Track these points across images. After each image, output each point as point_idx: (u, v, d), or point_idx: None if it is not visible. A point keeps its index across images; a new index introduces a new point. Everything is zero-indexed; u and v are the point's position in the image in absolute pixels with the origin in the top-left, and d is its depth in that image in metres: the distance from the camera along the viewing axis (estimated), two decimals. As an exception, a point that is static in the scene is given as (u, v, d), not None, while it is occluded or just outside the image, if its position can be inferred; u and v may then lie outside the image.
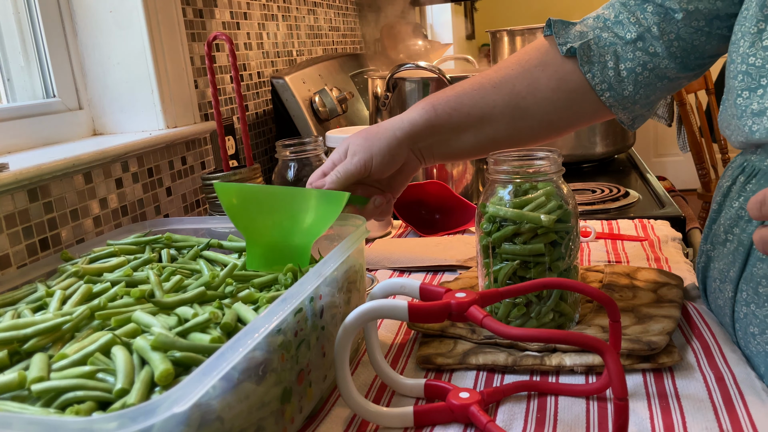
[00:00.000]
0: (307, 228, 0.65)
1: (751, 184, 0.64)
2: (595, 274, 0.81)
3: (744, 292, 0.63)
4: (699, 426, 0.53)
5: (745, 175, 0.65)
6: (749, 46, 0.61)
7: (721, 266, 0.67)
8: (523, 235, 0.65)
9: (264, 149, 1.44)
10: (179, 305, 0.55)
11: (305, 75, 1.45)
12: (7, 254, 0.75)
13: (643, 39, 0.71)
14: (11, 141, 0.90)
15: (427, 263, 0.94)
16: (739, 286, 0.64)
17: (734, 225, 0.65)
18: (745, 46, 0.61)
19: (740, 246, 0.64)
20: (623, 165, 1.61)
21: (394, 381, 0.62)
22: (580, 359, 0.62)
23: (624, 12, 0.72)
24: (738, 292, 0.64)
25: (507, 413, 0.57)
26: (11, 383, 0.44)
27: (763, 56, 0.60)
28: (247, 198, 0.66)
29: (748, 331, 0.63)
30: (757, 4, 0.61)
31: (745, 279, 0.63)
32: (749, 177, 0.65)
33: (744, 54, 0.61)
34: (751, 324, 0.62)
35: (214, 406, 0.42)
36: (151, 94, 1.03)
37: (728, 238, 0.66)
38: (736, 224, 0.65)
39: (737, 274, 0.64)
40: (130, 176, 0.97)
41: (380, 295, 0.61)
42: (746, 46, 0.61)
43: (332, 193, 0.67)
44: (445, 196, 1.13)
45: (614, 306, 0.58)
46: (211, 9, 1.23)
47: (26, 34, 0.97)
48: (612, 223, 1.07)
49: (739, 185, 0.66)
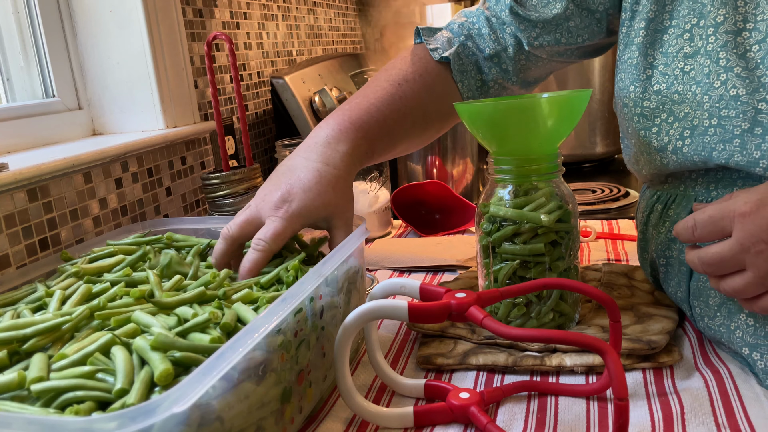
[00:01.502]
0: (550, 134, 0.65)
1: (671, 210, 0.67)
2: (593, 273, 0.81)
3: (697, 308, 0.64)
4: (697, 422, 0.53)
5: (662, 202, 0.69)
6: (641, 92, 0.65)
7: (669, 289, 0.69)
8: (523, 235, 0.65)
9: (264, 149, 1.44)
10: (179, 305, 0.55)
11: (305, 75, 1.45)
12: (6, 254, 0.75)
13: (498, 57, 0.78)
14: (11, 141, 0.90)
15: (427, 263, 0.94)
16: (691, 303, 0.65)
17: (667, 249, 0.68)
18: (637, 92, 0.65)
19: (681, 266, 0.66)
20: (623, 165, 1.61)
21: (394, 381, 0.62)
22: (580, 359, 0.62)
23: (486, 27, 0.77)
24: (692, 308, 0.66)
25: (507, 413, 0.57)
26: (11, 383, 0.44)
27: (656, 99, 0.64)
28: (485, 115, 0.66)
29: (715, 339, 0.64)
30: (639, 51, 0.66)
31: (693, 295, 0.65)
32: (667, 203, 0.68)
33: (636, 98, 0.66)
34: (711, 335, 0.64)
35: (214, 406, 0.42)
36: (150, 94, 1.03)
37: (667, 261, 0.68)
38: (668, 248, 0.67)
39: (685, 294, 0.66)
40: (130, 176, 0.97)
41: (380, 295, 0.61)
42: (638, 92, 0.65)
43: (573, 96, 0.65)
44: (445, 196, 1.13)
45: (614, 306, 0.57)
46: (210, 9, 1.23)
47: (26, 34, 0.97)
48: (612, 223, 1.07)
49: (658, 212, 0.69)
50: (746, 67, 0.58)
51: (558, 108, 0.64)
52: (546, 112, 0.63)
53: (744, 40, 0.58)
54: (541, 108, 0.64)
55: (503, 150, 0.66)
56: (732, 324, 0.60)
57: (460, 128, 1.24)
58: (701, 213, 0.53)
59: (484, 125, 0.66)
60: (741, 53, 0.58)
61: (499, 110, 0.65)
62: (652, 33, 0.65)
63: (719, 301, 0.61)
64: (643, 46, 0.66)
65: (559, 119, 0.64)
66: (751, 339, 0.58)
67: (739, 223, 0.50)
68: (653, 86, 0.64)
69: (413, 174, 1.28)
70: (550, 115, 0.64)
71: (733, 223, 0.51)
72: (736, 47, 0.58)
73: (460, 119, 0.70)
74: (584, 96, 0.64)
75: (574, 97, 0.64)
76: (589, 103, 0.86)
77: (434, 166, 1.25)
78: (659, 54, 0.65)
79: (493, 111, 0.65)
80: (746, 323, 0.59)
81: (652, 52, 0.65)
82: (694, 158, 0.62)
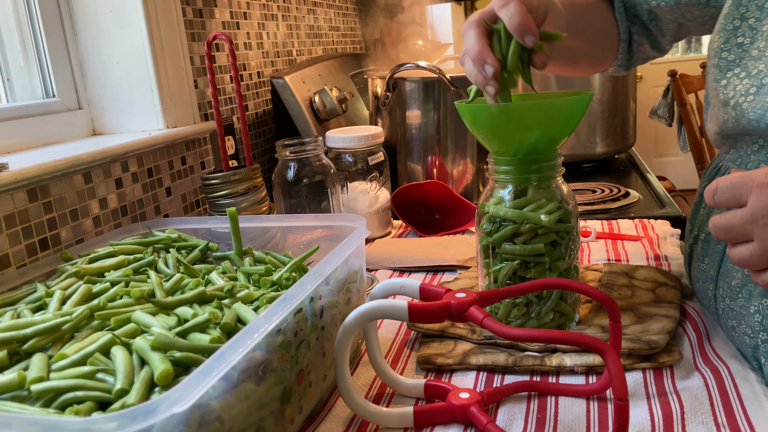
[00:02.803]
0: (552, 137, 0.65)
1: None
2: (593, 273, 0.81)
3: (721, 288, 0.65)
4: (697, 422, 0.53)
5: (721, 173, 0.68)
6: (723, 42, 0.64)
7: (702, 266, 0.70)
8: (524, 235, 0.65)
9: (264, 149, 1.44)
10: (179, 305, 0.55)
11: (305, 75, 1.45)
12: (6, 254, 0.75)
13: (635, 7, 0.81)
14: (11, 141, 0.90)
15: (427, 263, 0.94)
16: (717, 282, 0.66)
17: (707, 224, 0.66)
18: (720, 42, 0.65)
19: (718, 244, 0.66)
20: (623, 165, 1.61)
21: (394, 381, 0.62)
22: (580, 359, 0.62)
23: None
24: (717, 288, 0.66)
25: (507, 413, 0.57)
26: (11, 383, 0.44)
27: (736, 52, 0.63)
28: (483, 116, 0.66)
29: (728, 324, 0.65)
30: (734, 2, 0.64)
31: (721, 275, 0.65)
32: (719, 174, 0.68)
33: (717, 49, 0.65)
34: (729, 317, 0.65)
35: (214, 406, 0.42)
36: (150, 94, 1.03)
37: (706, 237, 0.68)
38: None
39: (716, 272, 0.66)
40: (130, 176, 0.97)
41: (380, 295, 0.61)
42: (720, 42, 0.65)
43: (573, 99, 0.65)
44: (445, 196, 1.13)
45: (614, 306, 0.58)
46: (210, 9, 1.23)
47: (26, 34, 0.97)
48: (612, 223, 1.07)
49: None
50: None
51: (559, 111, 0.64)
52: (547, 115, 0.64)
53: None
54: (542, 111, 0.64)
55: (504, 151, 0.67)
56: (752, 307, 0.61)
57: (460, 128, 1.24)
58: (724, 179, 0.53)
59: (485, 126, 0.66)
60: None
61: (501, 112, 0.65)
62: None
63: (741, 283, 0.62)
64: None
65: (560, 122, 0.64)
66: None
67: (755, 193, 0.50)
68: (737, 38, 0.63)
69: (413, 174, 1.28)
70: (551, 118, 0.64)
71: (750, 193, 0.50)
72: None
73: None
74: (585, 99, 0.64)
75: (574, 100, 0.64)
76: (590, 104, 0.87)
77: (434, 166, 1.25)
78: (753, 6, 0.63)
79: (495, 112, 0.65)
80: (766, 307, 0.59)
81: (747, 2, 0.64)
82: (749, 115, 0.60)
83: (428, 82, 1.23)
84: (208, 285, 0.60)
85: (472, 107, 0.66)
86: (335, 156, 1.09)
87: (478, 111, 0.66)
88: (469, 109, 0.66)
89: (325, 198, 0.99)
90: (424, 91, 1.24)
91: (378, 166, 1.10)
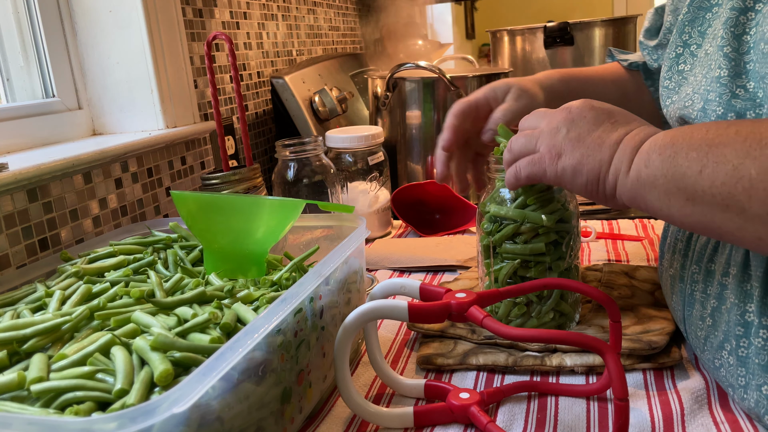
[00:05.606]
0: (262, 237, 0.65)
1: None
2: (593, 273, 0.81)
3: (690, 335, 0.62)
4: (697, 422, 0.53)
5: None
6: (666, 70, 0.66)
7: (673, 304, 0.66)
8: (524, 235, 0.65)
9: (264, 149, 1.44)
10: (179, 305, 0.55)
11: (305, 75, 1.45)
12: (6, 254, 0.75)
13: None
14: (11, 141, 0.90)
15: (427, 263, 0.94)
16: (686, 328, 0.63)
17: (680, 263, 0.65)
18: (664, 70, 0.67)
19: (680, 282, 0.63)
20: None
21: (394, 381, 0.62)
22: (580, 359, 0.62)
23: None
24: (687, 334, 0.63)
25: (507, 414, 0.57)
26: (11, 383, 0.44)
27: (677, 79, 0.65)
28: (203, 207, 0.66)
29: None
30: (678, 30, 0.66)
31: (687, 322, 0.62)
32: None
33: (662, 78, 0.67)
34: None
35: (214, 406, 0.42)
36: (150, 93, 1.03)
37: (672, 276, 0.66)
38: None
39: (681, 315, 0.63)
40: (130, 176, 0.97)
41: (380, 295, 0.61)
42: (664, 70, 0.67)
43: (287, 201, 0.66)
44: (445, 196, 1.13)
45: (615, 306, 0.57)
46: (210, 9, 1.23)
47: (26, 34, 0.97)
48: (612, 223, 1.07)
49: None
50: (736, 49, 0.55)
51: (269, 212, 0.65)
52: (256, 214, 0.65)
53: (747, 20, 0.55)
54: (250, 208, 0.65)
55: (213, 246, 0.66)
56: (717, 361, 0.56)
57: (460, 128, 1.23)
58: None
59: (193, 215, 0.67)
60: (738, 34, 0.56)
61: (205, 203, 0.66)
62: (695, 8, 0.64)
63: (705, 334, 0.58)
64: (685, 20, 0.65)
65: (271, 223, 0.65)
66: (733, 379, 0.54)
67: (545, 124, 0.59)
68: (678, 66, 0.64)
69: (413, 174, 1.28)
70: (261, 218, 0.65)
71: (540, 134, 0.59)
72: (736, 27, 0.56)
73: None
74: (296, 205, 0.65)
75: (285, 204, 0.65)
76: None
77: (434, 166, 1.25)
78: (696, 33, 0.64)
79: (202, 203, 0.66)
80: (728, 361, 0.54)
81: (690, 30, 0.64)
82: (673, 116, 0.62)
83: (428, 82, 1.23)
84: (207, 285, 0.60)
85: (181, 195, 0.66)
86: (335, 156, 1.09)
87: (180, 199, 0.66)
88: (177, 197, 0.66)
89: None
90: (424, 91, 1.24)
91: (378, 166, 1.10)
